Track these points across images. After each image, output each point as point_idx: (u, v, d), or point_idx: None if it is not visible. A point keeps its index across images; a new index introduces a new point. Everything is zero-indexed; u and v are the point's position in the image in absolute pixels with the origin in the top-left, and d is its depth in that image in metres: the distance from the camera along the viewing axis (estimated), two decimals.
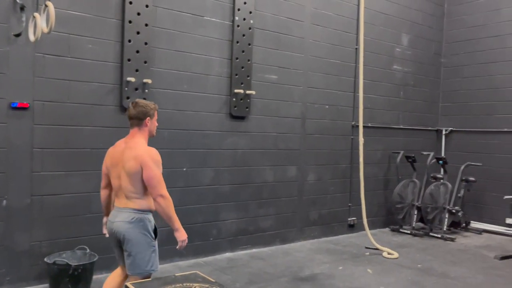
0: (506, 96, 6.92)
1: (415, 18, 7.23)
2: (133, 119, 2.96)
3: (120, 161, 2.91)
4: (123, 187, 2.89)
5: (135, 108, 2.95)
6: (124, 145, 2.95)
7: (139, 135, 2.96)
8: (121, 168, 2.89)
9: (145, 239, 2.88)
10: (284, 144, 5.78)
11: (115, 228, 2.90)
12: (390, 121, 7.00)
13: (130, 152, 2.86)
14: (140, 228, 2.87)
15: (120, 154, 2.93)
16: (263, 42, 5.46)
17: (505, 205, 6.76)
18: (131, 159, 2.83)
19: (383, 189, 6.97)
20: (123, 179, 2.88)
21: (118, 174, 2.91)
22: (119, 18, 4.38)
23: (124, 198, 2.91)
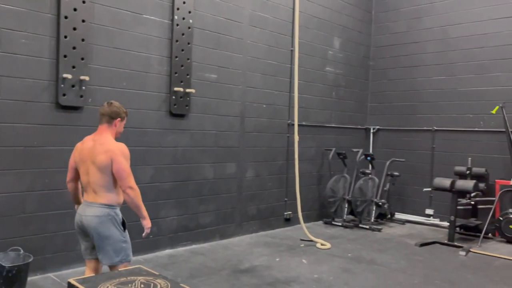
0: (425, 98, 7.58)
1: (346, 23, 7.69)
2: (104, 116, 3.12)
3: (89, 157, 3.03)
4: (92, 182, 3.02)
5: (109, 107, 3.14)
6: (93, 142, 3.08)
7: (108, 132, 3.11)
8: (90, 163, 3.01)
9: (115, 232, 3.04)
10: (223, 142, 5.92)
11: (85, 222, 3.03)
12: (323, 120, 7.40)
13: (101, 147, 3.00)
14: (110, 222, 3.02)
15: (89, 150, 3.05)
16: (202, 41, 5.56)
17: (425, 197, 7.42)
18: (102, 153, 2.98)
19: (316, 184, 7.36)
20: (92, 174, 3.01)
21: (87, 170, 3.04)
22: (54, 13, 4.27)
23: (92, 193, 3.04)
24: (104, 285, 2.50)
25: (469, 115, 7.08)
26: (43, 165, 4.28)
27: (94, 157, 2.99)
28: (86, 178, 3.06)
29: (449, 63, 7.30)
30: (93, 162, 3.00)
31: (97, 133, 3.14)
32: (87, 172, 3.04)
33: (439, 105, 7.42)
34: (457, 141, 7.19)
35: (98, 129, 3.15)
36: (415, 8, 7.71)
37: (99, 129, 3.14)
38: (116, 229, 3.05)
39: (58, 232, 4.41)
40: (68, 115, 4.44)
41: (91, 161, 3.01)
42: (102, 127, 3.13)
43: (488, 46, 6.88)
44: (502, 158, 6.61)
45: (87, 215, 3.03)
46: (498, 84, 6.78)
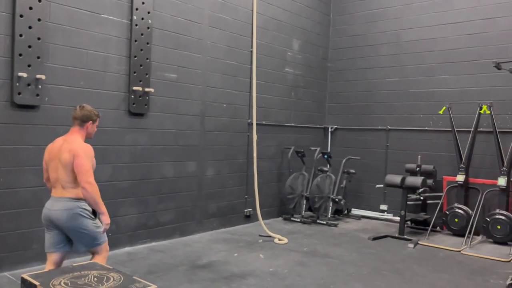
0: (379, 98, 7.94)
1: (305, 25, 7.93)
2: (76, 120, 3.36)
3: (57, 155, 3.26)
4: (60, 178, 3.25)
5: (81, 111, 3.38)
6: (63, 141, 3.31)
7: (78, 133, 3.35)
8: (58, 161, 3.25)
9: (88, 222, 3.28)
10: (183, 141, 6.02)
11: (54, 216, 3.23)
12: (283, 119, 7.61)
13: (67, 146, 3.25)
14: (80, 215, 3.24)
15: (57, 149, 3.28)
16: (162, 41, 5.64)
17: (379, 193, 7.77)
18: (66, 151, 3.22)
19: (276, 181, 7.56)
20: (60, 171, 3.24)
21: (55, 167, 3.27)
22: (9, 11, 4.26)
23: (60, 188, 3.26)
24: (57, 280, 2.57)
25: (419, 115, 7.47)
26: None
27: (61, 155, 3.23)
28: (55, 175, 3.28)
29: (401, 65, 7.68)
30: (59, 160, 3.23)
31: (68, 134, 3.36)
32: (56, 169, 3.26)
33: (392, 105, 7.78)
34: (408, 140, 7.58)
35: (70, 131, 3.37)
36: (370, 12, 8.04)
37: (71, 131, 3.36)
38: (89, 219, 3.28)
39: (13, 232, 4.40)
40: (24, 114, 4.42)
41: (58, 158, 3.24)
42: (74, 129, 3.36)
43: (437, 50, 7.29)
44: (449, 155, 7.03)
45: (56, 209, 3.22)
46: (446, 86, 7.19)
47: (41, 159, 3.90)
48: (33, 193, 4.51)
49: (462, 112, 6.92)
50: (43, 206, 4.46)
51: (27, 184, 4.47)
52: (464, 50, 7.02)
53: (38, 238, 4.56)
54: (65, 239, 3.34)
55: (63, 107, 4.71)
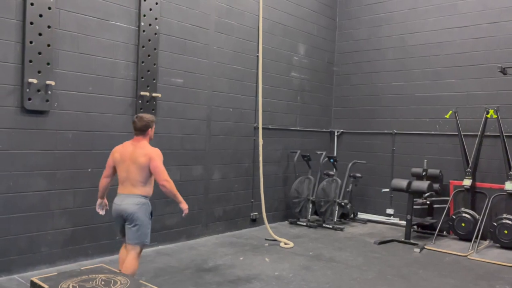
0: (385, 102, 7.94)
1: (310, 30, 7.97)
2: (138, 131, 3.84)
3: (129, 158, 3.75)
4: (130, 178, 3.74)
5: (140, 122, 3.83)
6: (133, 147, 3.81)
7: (144, 139, 3.86)
8: (130, 163, 3.73)
9: (146, 219, 3.76)
10: (190, 145, 6.08)
11: (123, 209, 3.70)
12: (289, 123, 7.65)
13: (141, 151, 3.75)
14: (144, 210, 3.74)
15: (129, 153, 3.77)
16: (169, 47, 5.71)
17: (386, 197, 7.77)
18: (141, 155, 3.71)
19: (282, 185, 7.59)
20: (132, 171, 3.72)
21: (126, 168, 3.75)
22: (20, 19, 4.35)
23: (130, 186, 3.74)
24: (66, 283, 2.63)
25: (425, 119, 7.46)
26: (7, 169, 4.34)
27: (135, 158, 3.72)
28: (125, 175, 3.76)
29: (407, 69, 7.68)
30: (133, 162, 3.72)
31: (134, 140, 3.87)
32: (127, 170, 3.74)
33: (398, 109, 7.79)
34: (414, 144, 7.57)
35: (135, 138, 3.87)
36: (376, 17, 8.06)
37: (136, 138, 3.87)
38: (147, 217, 3.77)
39: (22, 234, 4.47)
40: (34, 119, 4.51)
41: (132, 161, 3.72)
42: (138, 137, 3.86)
43: (443, 54, 7.29)
44: (456, 160, 7.01)
45: (127, 203, 3.70)
46: (452, 90, 7.19)
47: (50, 163, 4.37)
48: (41, 197, 4.59)
49: (468, 116, 6.91)
50: (51, 210, 4.61)
51: (36, 188, 4.55)
52: (471, 54, 7.01)
53: (47, 241, 4.64)
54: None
55: (71, 112, 4.79)
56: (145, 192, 3.78)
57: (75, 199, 4.86)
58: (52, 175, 4.67)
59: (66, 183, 4.78)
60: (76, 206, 4.87)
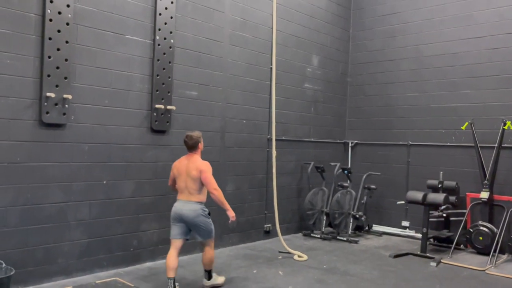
0: (400, 113, 7.89)
1: (324, 41, 7.98)
2: (190, 148, 4.51)
3: (184, 171, 4.44)
4: (188, 187, 4.42)
5: (191, 141, 4.48)
6: (187, 161, 4.49)
7: (196, 154, 4.53)
8: (186, 175, 4.42)
9: (206, 219, 4.44)
10: (204, 157, 6.00)
11: (185, 215, 4.37)
12: (302, 135, 7.64)
13: (193, 165, 4.43)
14: (201, 213, 4.41)
15: (184, 166, 4.46)
16: (183, 60, 5.77)
17: (401, 209, 7.67)
18: (194, 169, 4.40)
19: (296, 197, 7.57)
20: (188, 182, 4.41)
21: (184, 179, 4.44)
22: (38, 34, 4.45)
23: (187, 194, 4.42)
24: None
25: (441, 131, 7.38)
26: (25, 181, 4.42)
27: (189, 172, 4.40)
28: (183, 185, 4.44)
29: (422, 80, 7.62)
30: (188, 175, 4.40)
31: (188, 156, 4.54)
32: (185, 181, 4.43)
33: (413, 120, 7.72)
34: (430, 155, 7.48)
35: (188, 154, 4.53)
36: (390, 28, 8.04)
37: (189, 154, 4.53)
38: (206, 217, 4.44)
39: (39, 246, 4.53)
40: (51, 132, 4.59)
41: (187, 174, 4.41)
42: (191, 153, 4.52)
43: (459, 64, 7.22)
44: (473, 172, 6.91)
45: (186, 209, 4.38)
46: (468, 101, 7.10)
47: (67, 175, 4.75)
48: (59, 209, 4.66)
49: (485, 128, 6.81)
50: (67, 221, 4.67)
51: (53, 200, 4.62)
52: (487, 64, 6.93)
53: (63, 252, 4.70)
54: (187, 230, 4.45)
55: (88, 125, 4.87)
56: (200, 199, 4.45)
57: (90, 211, 4.92)
58: (69, 187, 4.74)
59: (82, 194, 4.84)
60: (91, 217, 4.93)
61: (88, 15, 4.82)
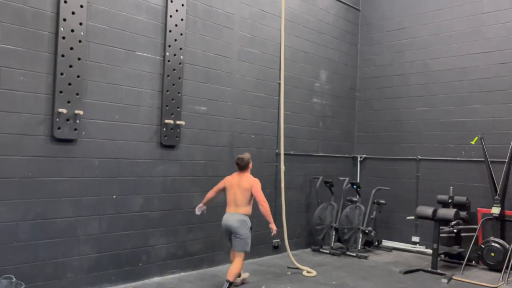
0: (409, 128, 7.87)
1: (332, 56, 8.03)
2: (242, 168, 5.17)
3: (236, 185, 5.06)
4: (236, 199, 5.02)
5: (243, 163, 5.14)
6: (239, 177, 5.13)
7: (246, 172, 5.19)
8: (237, 189, 5.04)
9: (247, 232, 5.00)
10: (212, 171, 6.13)
11: (230, 224, 4.96)
12: (311, 149, 7.64)
13: (245, 179, 5.09)
14: (246, 225, 4.99)
15: (236, 181, 5.10)
16: (193, 76, 5.84)
17: (411, 224, 7.60)
18: (246, 182, 5.05)
19: (305, 211, 7.54)
20: (237, 194, 5.03)
21: (234, 193, 5.05)
22: (51, 52, 4.55)
23: (235, 206, 5.02)
24: None
25: (450, 145, 7.34)
26: (36, 196, 4.47)
27: (241, 185, 5.04)
28: (232, 197, 5.05)
29: (430, 95, 7.62)
30: (239, 188, 5.03)
31: (239, 173, 5.19)
32: (234, 194, 5.03)
33: (422, 135, 7.69)
34: (440, 170, 7.43)
35: (240, 171, 5.18)
36: (399, 43, 8.08)
37: (241, 172, 5.18)
38: (248, 230, 5.01)
39: (49, 260, 4.56)
40: (63, 148, 4.65)
41: (238, 187, 5.04)
42: (242, 171, 5.17)
43: (467, 79, 7.21)
44: (483, 186, 6.84)
45: (233, 219, 4.96)
46: (477, 116, 7.07)
47: (77, 190, 4.82)
48: (68, 223, 4.69)
49: (495, 142, 6.77)
50: (77, 236, 4.70)
51: (63, 215, 4.66)
52: (496, 79, 6.92)
53: (72, 267, 4.72)
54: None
55: (98, 140, 4.93)
56: (246, 211, 5.02)
57: (100, 225, 4.95)
58: (79, 201, 4.78)
59: (92, 209, 4.88)
60: (101, 232, 4.96)
61: (100, 33, 4.92)
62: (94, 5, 4.86)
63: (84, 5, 4.73)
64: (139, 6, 5.27)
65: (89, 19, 4.82)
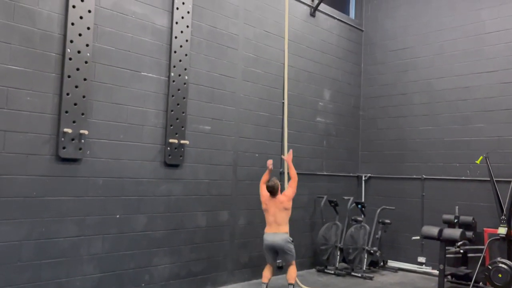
0: (413, 147, 7.85)
1: (335, 75, 8.09)
2: (274, 191, 5.59)
3: (274, 206, 5.58)
4: (277, 220, 5.54)
5: (274, 187, 5.57)
6: (275, 199, 5.60)
7: (278, 193, 5.63)
8: (275, 207, 5.57)
9: (291, 245, 5.58)
10: (216, 190, 6.13)
11: (275, 243, 5.51)
12: (315, 168, 7.63)
13: (281, 200, 5.60)
14: (289, 240, 5.56)
15: (273, 202, 5.59)
16: (197, 95, 5.90)
17: (417, 244, 7.51)
18: (283, 202, 5.57)
19: (309, 231, 7.48)
20: (277, 215, 5.55)
21: (274, 213, 5.56)
22: (58, 73, 4.62)
23: (276, 226, 5.54)
24: None
25: (455, 164, 7.30)
26: (40, 215, 4.48)
27: (279, 205, 5.57)
28: (273, 218, 5.57)
29: (434, 113, 7.62)
30: (276, 207, 5.57)
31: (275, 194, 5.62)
32: (274, 214, 5.56)
33: (427, 154, 7.67)
34: (445, 190, 7.38)
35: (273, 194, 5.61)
36: (402, 62, 8.13)
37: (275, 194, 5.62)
38: (292, 244, 5.59)
39: (52, 281, 4.53)
40: (67, 167, 4.68)
41: (275, 206, 5.57)
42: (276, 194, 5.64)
43: (471, 98, 7.22)
44: (489, 206, 6.77)
45: (277, 239, 5.51)
46: (482, 135, 7.05)
47: (81, 209, 4.81)
48: (72, 243, 4.68)
49: (500, 162, 6.73)
50: (80, 255, 4.69)
51: (67, 234, 4.66)
52: (500, 98, 6.93)
53: (75, 287, 4.69)
54: (276, 256, 5.63)
55: (103, 160, 4.95)
56: (286, 230, 5.57)
57: (103, 245, 4.94)
58: (82, 221, 4.78)
59: (95, 229, 4.87)
60: (104, 252, 4.94)
61: (106, 54, 5.00)
62: (100, 27, 4.95)
63: (91, 27, 4.82)
64: (145, 27, 5.36)
65: (96, 40, 4.91)
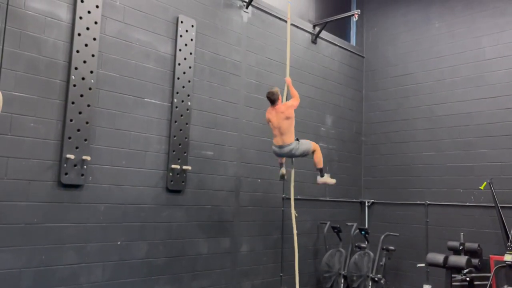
0: (416, 172, 7.81)
1: (337, 101, 8.13)
2: (274, 101, 5.41)
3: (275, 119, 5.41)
4: (281, 131, 5.34)
5: (274, 95, 5.41)
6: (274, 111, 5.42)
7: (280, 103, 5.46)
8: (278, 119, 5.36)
9: (300, 149, 5.46)
10: (218, 217, 6.07)
11: (283, 155, 5.53)
12: (318, 194, 7.57)
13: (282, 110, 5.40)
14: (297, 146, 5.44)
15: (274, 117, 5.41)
16: (200, 121, 5.92)
17: (422, 271, 7.38)
18: (284, 112, 5.38)
19: (312, 258, 7.37)
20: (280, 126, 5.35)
21: (277, 124, 5.39)
22: (62, 99, 4.66)
23: (280, 137, 5.38)
24: None
25: (459, 190, 7.25)
26: (41, 242, 4.43)
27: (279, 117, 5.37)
28: (277, 130, 5.40)
29: (437, 139, 7.62)
30: (278, 120, 5.39)
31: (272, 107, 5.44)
32: (277, 126, 5.40)
33: (430, 179, 7.62)
34: (449, 216, 7.30)
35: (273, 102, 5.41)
36: (403, 88, 8.18)
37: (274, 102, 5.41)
38: (299, 148, 5.46)
39: None
40: (69, 193, 4.66)
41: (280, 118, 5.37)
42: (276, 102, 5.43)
43: (473, 124, 7.23)
44: (494, 233, 6.69)
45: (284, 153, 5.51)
46: (485, 161, 7.02)
47: (82, 236, 4.72)
48: (71, 271, 4.62)
49: (505, 187, 6.68)
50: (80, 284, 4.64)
51: (67, 262, 4.59)
52: (502, 124, 6.93)
53: None
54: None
55: (105, 186, 4.93)
56: (292, 139, 5.36)
57: (103, 273, 4.86)
58: (83, 248, 4.72)
59: (96, 256, 4.81)
60: (104, 280, 4.86)
61: (110, 80, 5.05)
62: (105, 54, 5.02)
63: (96, 54, 4.89)
64: (149, 54, 5.43)
65: (100, 67, 4.97)
